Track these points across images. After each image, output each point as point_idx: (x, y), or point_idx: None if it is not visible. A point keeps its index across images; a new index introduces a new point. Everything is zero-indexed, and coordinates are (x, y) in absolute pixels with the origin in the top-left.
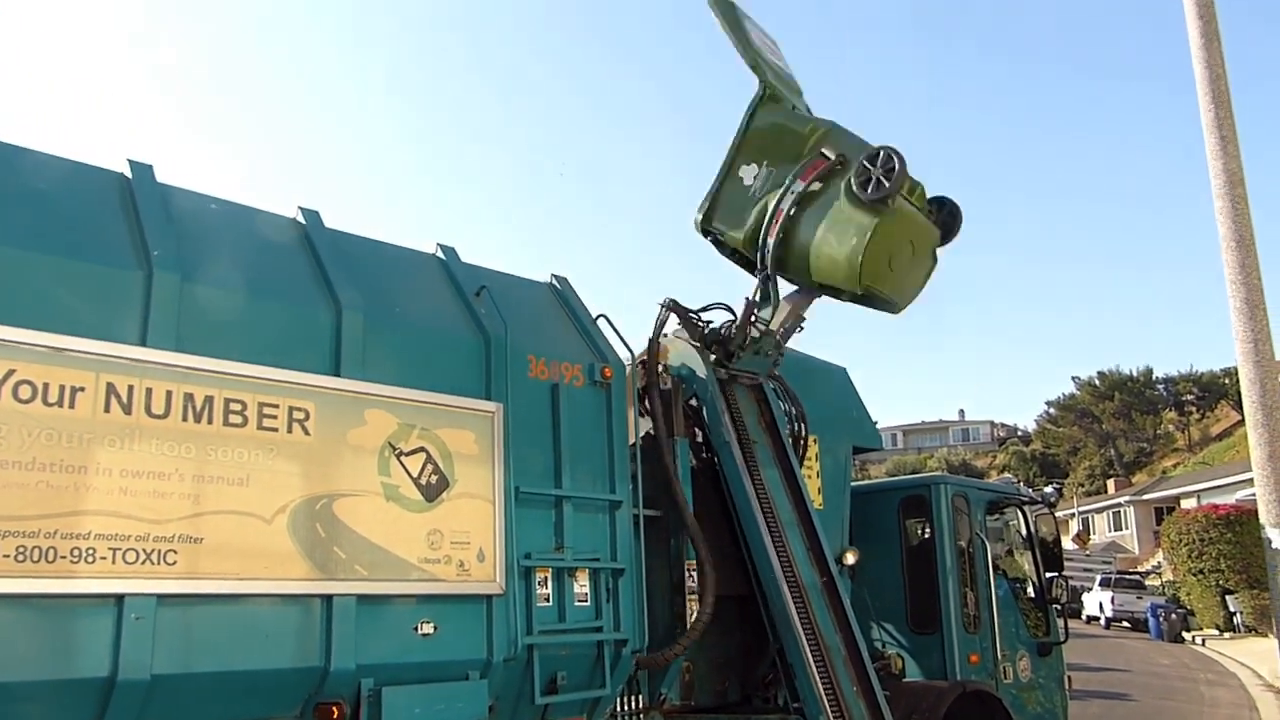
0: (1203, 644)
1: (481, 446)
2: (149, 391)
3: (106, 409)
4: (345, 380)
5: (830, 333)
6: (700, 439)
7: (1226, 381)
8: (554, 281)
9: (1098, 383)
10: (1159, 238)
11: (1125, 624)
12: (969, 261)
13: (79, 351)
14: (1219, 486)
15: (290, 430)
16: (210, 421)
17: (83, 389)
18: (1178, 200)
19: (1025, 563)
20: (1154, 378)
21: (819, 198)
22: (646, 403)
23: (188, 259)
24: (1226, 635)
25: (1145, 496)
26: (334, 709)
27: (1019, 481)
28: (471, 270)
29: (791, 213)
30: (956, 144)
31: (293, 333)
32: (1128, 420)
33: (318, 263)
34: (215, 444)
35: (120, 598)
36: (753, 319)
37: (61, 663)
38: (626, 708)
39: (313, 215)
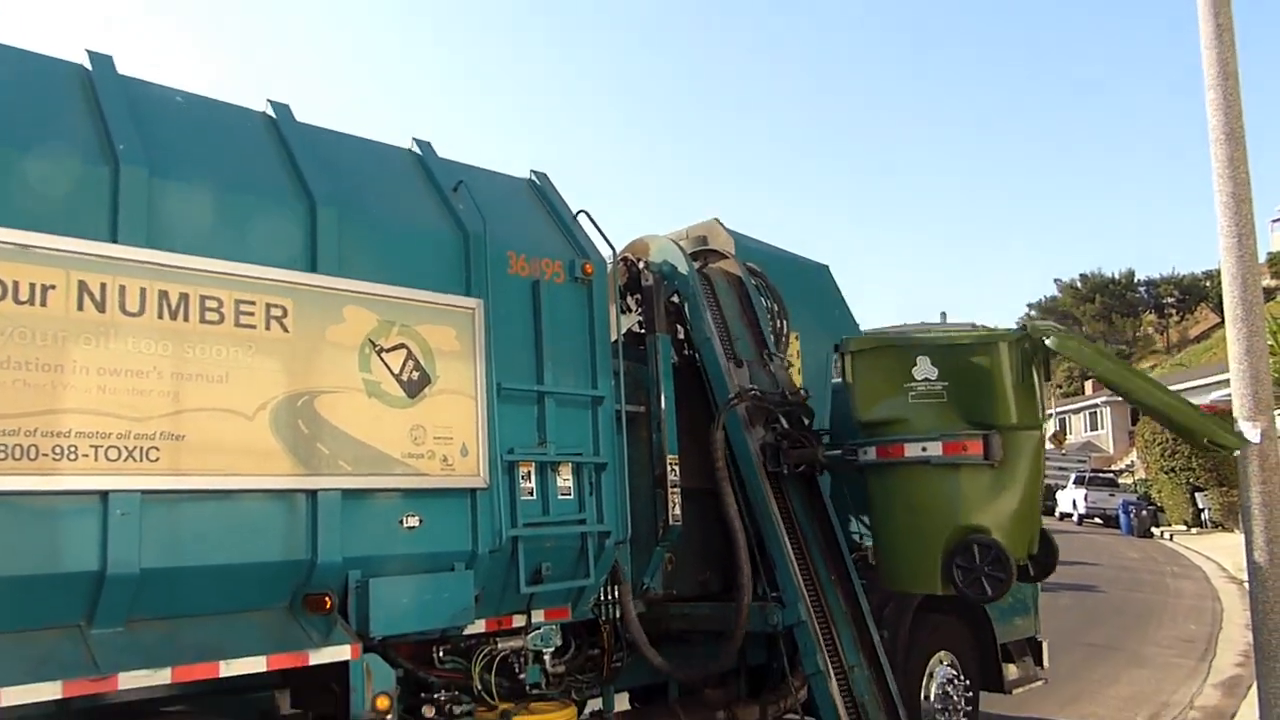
0: (1171, 539)
1: (462, 343)
2: (122, 289)
3: (80, 307)
4: (322, 276)
5: (812, 233)
6: (681, 335)
7: (1207, 284)
8: (533, 177)
9: (1079, 285)
10: (1148, 141)
11: (1097, 520)
12: (955, 166)
13: (48, 249)
14: (1195, 387)
15: (268, 327)
16: (186, 319)
17: (54, 287)
18: (1168, 103)
19: None
20: (1135, 280)
21: (941, 477)
22: (628, 299)
23: (155, 153)
24: (1194, 531)
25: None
26: (323, 600)
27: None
28: (448, 165)
29: (912, 465)
30: (947, 48)
31: (266, 228)
32: (1108, 323)
33: (289, 157)
34: (193, 341)
35: (105, 494)
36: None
37: (50, 558)
38: (610, 597)
39: (283, 109)
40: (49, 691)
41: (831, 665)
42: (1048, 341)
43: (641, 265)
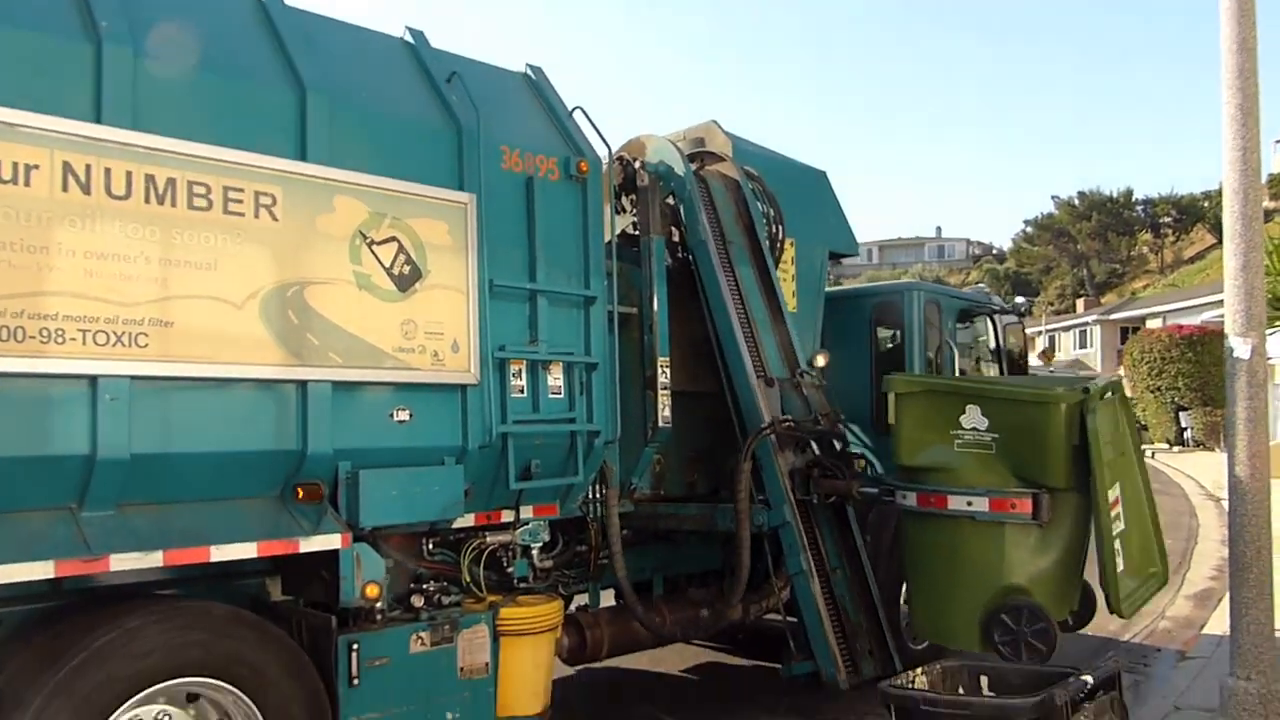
0: (1152, 456)
1: (454, 238)
2: (108, 171)
3: (64, 188)
4: (312, 165)
5: (807, 143)
6: (676, 238)
7: (1206, 204)
8: (529, 71)
9: (1077, 203)
10: (1157, 54)
11: None
12: (954, 78)
13: (31, 127)
14: (1185, 308)
15: (257, 215)
16: (174, 204)
17: (37, 167)
18: (1179, 14)
19: (991, 370)
20: (1134, 199)
21: (985, 533)
22: (623, 199)
23: (140, 32)
24: (1176, 449)
25: (1112, 316)
26: (314, 489)
27: (990, 292)
28: (441, 56)
29: (956, 518)
30: None
31: (255, 114)
32: (1103, 241)
33: (278, 40)
34: (180, 227)
35: (93, 379)
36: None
37: (40, 440)
38: (598, 496)
39: None
40: (41, 570)
41: (814, 566)
42: (1087, 419)
43: (638, 165)
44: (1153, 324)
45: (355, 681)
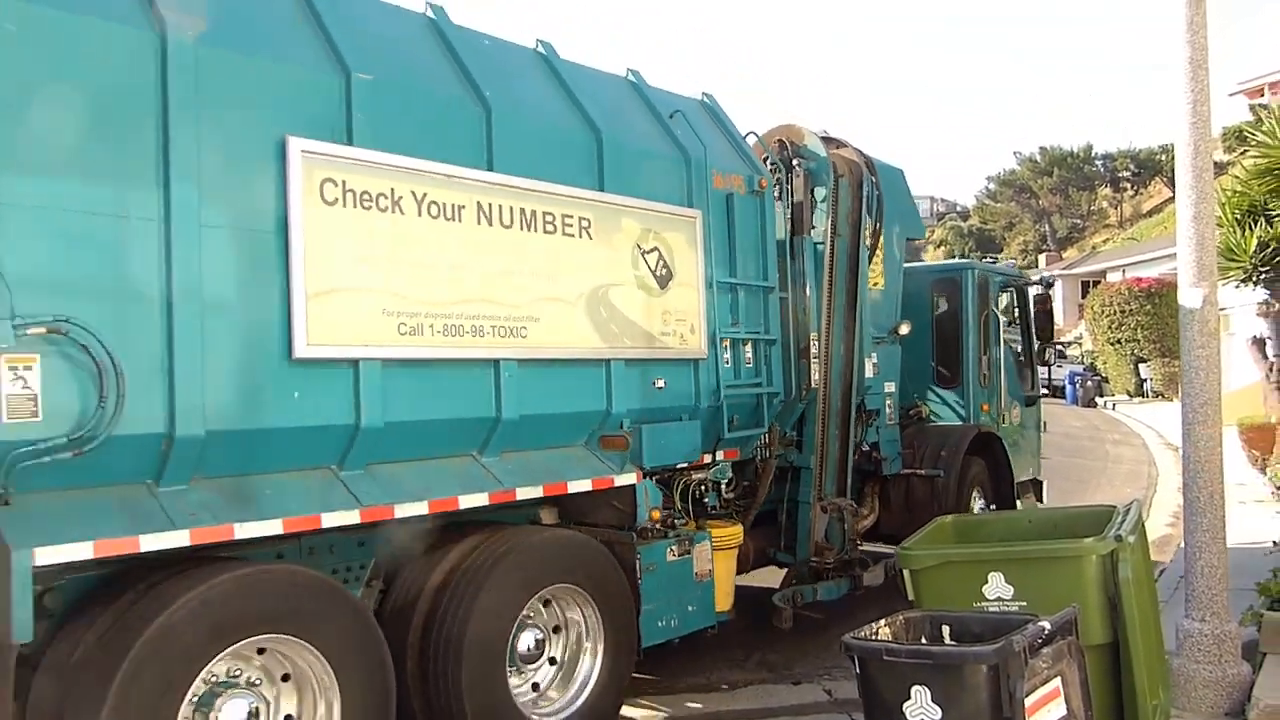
0: (1113, 408)
1: (690, 245)
2: (499, 208)
3: (477, 221)
4: (608, 195)
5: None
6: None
7: (1163, 158)
8: (704, 98)
9: (1038, 158)
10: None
11: (1044, 391)
12: (914, 32)
13: (461, 178)
14: (1143, 260)
15: (580, 235)
16: (535, 230)
17: (464, 206)
18: None
19: (1019, 333)
20: (1093, 154)
21: None
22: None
23: (503, 97)
24: (1136, 400)
25: (1073, 270)
26: (621, 439)
27: (1018, 266)
28: (657, 93)
29: None
30: None
31: (573, 155)
32: (1064, 196)
33: (571, 96)
34: (540, 245)
35: (496, 362)
36: None
37: (463, 406)
38: (764, 442)
39: (549, 47)
40: (478, 500)
41: (816, 500)
42: (1120, 569)
43: (795, 164)
44: (1113, 277)
45: (639, 581)
